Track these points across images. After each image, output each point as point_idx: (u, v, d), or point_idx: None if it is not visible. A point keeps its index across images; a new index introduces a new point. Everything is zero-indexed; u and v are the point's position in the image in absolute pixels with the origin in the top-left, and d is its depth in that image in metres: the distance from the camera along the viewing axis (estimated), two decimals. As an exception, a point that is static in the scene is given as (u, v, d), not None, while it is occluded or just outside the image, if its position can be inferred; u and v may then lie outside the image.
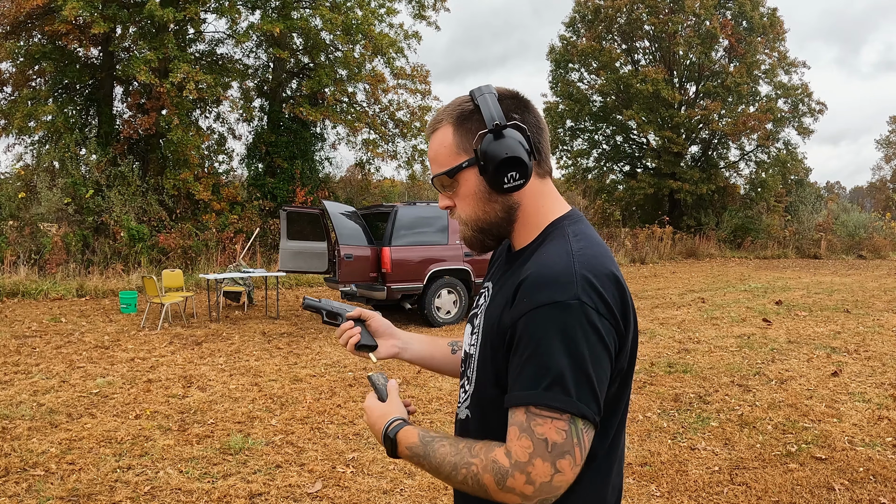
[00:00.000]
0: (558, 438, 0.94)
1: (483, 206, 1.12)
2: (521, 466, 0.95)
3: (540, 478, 0.94)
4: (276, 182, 17.84)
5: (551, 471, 0.94)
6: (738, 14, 24.58)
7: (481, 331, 1.12)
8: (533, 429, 0.95)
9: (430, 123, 1.16)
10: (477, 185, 1.11)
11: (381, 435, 1.14)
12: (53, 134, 15.58)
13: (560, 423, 0.94)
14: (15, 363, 6.40)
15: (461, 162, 1.11)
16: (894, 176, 48.94)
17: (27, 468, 3.74)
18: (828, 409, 4.88)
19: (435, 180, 1.15)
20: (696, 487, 3.54)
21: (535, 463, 0.94)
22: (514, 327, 1.00)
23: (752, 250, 23.64)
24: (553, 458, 0.94)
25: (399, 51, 18.59)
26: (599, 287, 0.98)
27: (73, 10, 13.40)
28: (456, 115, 1.12)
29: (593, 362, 0.96)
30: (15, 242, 13.03)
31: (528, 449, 0.95)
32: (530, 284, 1.00)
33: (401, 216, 8.76)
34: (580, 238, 1.06)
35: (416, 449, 1.08)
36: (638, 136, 26.86)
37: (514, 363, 1.00)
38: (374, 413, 1.17)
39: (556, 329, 0.95)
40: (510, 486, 0.95)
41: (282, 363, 6.53)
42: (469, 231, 1.15)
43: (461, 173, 1.11)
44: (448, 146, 1.12)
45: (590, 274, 0.99)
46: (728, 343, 7.38)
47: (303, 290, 13.41)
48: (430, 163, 1.17)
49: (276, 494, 3.46)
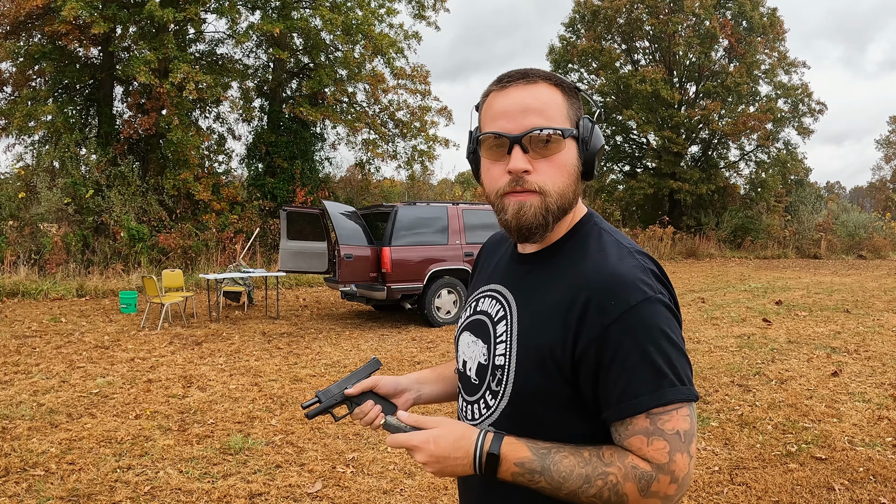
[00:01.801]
0: (686, 426, 0.94)
1: (572, 184, 1.02)
2: (665, 468, 0.92)
3: (682, 472, 0.93)
4: (276, 182, 17.84)
5: (688, 459, 0.94)
6: (737, 14, 24.59)
7: (515, 341, 1.03)
8: (662, 428, 0.93)
9: (518, 73, 1.02)
10: (575, 160, 1.02)
11: (472, 456, 0.97)
12: (53, 134, 15.57)
13: (683, 409, 0.94)
14: (15, 363, 6.40)
15: (571, 128, 1.01)
16: (894, 176, 48.94)
17: (27, 468, 3.74)
18: (828, 409, 4.87)
19: (534, 134, 0.98)
20: (696, 487, 3.54)
21: (676, 459, 0.93)
22: (605, 337, 0.94)
23: (752, 250, 23.65)
24: (687, 447, 0.94)
25: (399, 51, 18.59)
26: (660, 275, 1.02)
27: (72, 11, 13.40)
28: (559, 82, 1.02)
29: (682, 343, 0.98)
30: (15, 242, 13.03)
31: (664, 449, 0.92)
32: (611, 289, 0.96)
33: (401, 216, 8.76)
34: (618, 234, 1.08)
35: (531, 464, 0.95)
36: (638, 136, 26.87)
37: (617, 372, 0.94)
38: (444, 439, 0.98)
39: (655, 326, 0.95)
40: (654, 491, 0.92)
41: (282, 363, 6.53)
42: (547, 204, 1.00)
43: (569, 140, 1.01)
44: (559, 105, 1.01)
45: (651, 266, 1.02)
46: (728, 343, 7.38)
47: (303, 290, 13.41)
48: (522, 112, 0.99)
49: (276, 494, 3.45)
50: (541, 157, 0.99)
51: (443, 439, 0.98)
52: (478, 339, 1.11)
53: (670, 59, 25.25)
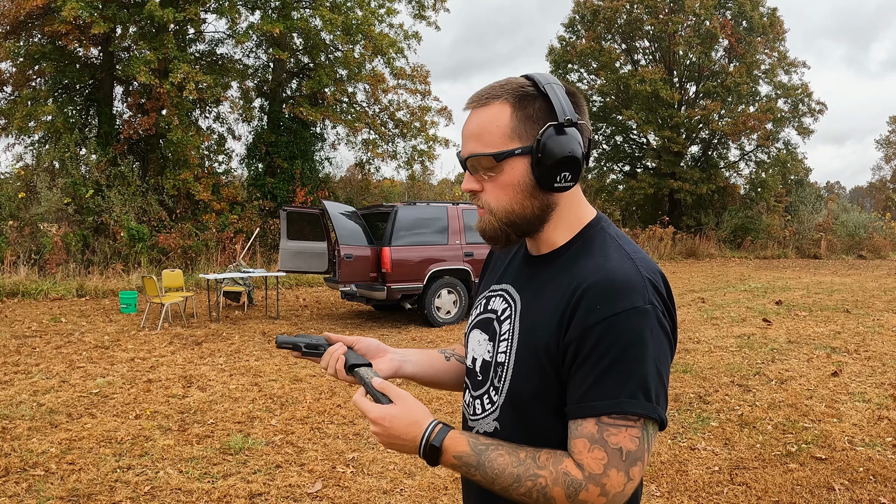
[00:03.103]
0: (632, 446, 0.93)
1: (521, 200, 1.03)
2: (596, 479, 0.92)
3: (614, 489, 0.93)
4: (276, 182, 17.84)
5: (625, 480, 0.93)
6: (737, 14, 24.60)
7: (516, 339, 1.05)
8: (606, 439, 0.92)
9: (478, 95, 1.05)
10: (523, 177, 1.02)
11: (419, 443, 1.01)
12: (53, 134, 15.58)
13: (633, 430, 0.93)
14: (15, 363, 6.40)
15: (514, 148, 1.01)
16: (894, 176, 48.96)
17: (27, 468, 3.74)
18: (828, 409, 4.87)
19: (472, 160, 1.04)
20: (696, 487, 3.54)
21: (610, 474, 0.92)
22: (585, 337, 0.95)
23: (752, 250, 23.65)
24: (627, 467, 0.93)
25: (399, 51, 18.60)
26: (661, 288, 0.99)
27: (72, 11, 13.40)
28: (517, 96, 1.02)
29: (664, 364, 0.96)
30: (15, 242, 13.03)
31: (602, 461, 0.92)
32: (602, 292, 0.96)
33: (401, 216, 8.76)
34: (625, 240, 1.05)
35: (468, 458, 0.99)
36: (638, 136, 26.88)
37: (586, 372, 0.95)
38: (399, 420, 1.02)
39: (638, 335, 0.93)
40: (582, 499, 0.93)
41: (282, 363, 6.53)
42: (495, 222, 1.05)
43: (510, 160, 1.01)
44: (502, 126, 1.01)
45: (652, 276, 0.99)
46: (728, 343, 7.38)
47: (303, 290, 13.41)
48: (468, 139, 1.05)
49: (276, 494, 3.45)
50: (486, 178, 1.04)
51: (397, 420, 1.02)
52: (485, 336, 1.13)
53: (670, 59, 25.26)
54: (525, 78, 1.05)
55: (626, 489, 0.93)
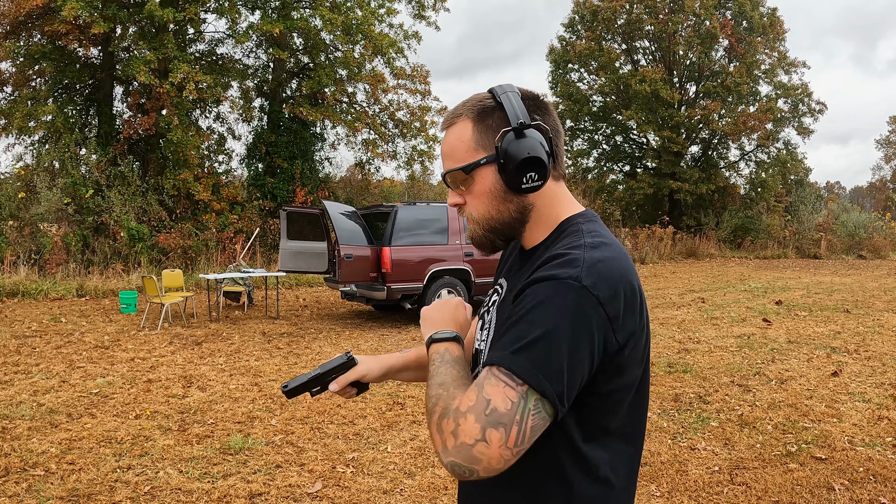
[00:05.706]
0: (501, 406, 0.91)
1: (497, 206, 1.10)
2: (457, 415, 0.93)
3: (464, 435, 0.91)
4: (276, 182, 17.84)
5: (478, 435, 0.90)
6: (737, 14, 24.59)
7: (493, 327, 1.11)
8: (484, 386, 0.93)
9: (446, 117, 1.14)
10: (493, 184, 1.09)
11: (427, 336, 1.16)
12: (53, 134, 15.58)
13: (511, 391, 0.91)
14: (15, 363, 6.40)
15: (479, 158, 1.08)
16: (894, 176, 48.96)
17: (27, 468, 3.74)
18: (828, 409, 4.88)
19: (448, 176, 1.12)
20: (696, 487, 3.54)
21: (468, 418, 0.91)
22: (517, 295, 1.00)
23: (752, 250, 23.64)
24: (486, 423, 0.90)
25: (399, 51, 18.60)
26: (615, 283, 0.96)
27: (72, 11, 13.40)
28: (477, 111, 1.09)
29: (571, 346, 0.92)
30: (15, 242, 13.03)
31: (470, 402, 0.93)
32: (542, 263, 1.01)
33: (401, 216, 8.76)
34: (595, 235, 1.05)
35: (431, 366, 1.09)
36: (638, 136, 26.88)
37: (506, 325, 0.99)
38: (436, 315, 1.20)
39: (546, 301, 0.94)
40: (442, 427, 0.94)
41: (282, 363, 6.53)
42: (480, 230, 1.13)
43: (478, 170, 1.09)
44: (466, 141, 1.09)
45: (599, 265, 0.97)
46: (728, 343, 7.38)
47: (303, 290, 13.41)
48: (443, 158, 1.14)
49: (276, 494, 3.45)
50: (464, 190, 1.13)
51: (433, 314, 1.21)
52: (479, 327, 1.21)
53: (670, 59, 25.25)
54: (488, 92, 1.12)
55: (475, 449, 0.90)
